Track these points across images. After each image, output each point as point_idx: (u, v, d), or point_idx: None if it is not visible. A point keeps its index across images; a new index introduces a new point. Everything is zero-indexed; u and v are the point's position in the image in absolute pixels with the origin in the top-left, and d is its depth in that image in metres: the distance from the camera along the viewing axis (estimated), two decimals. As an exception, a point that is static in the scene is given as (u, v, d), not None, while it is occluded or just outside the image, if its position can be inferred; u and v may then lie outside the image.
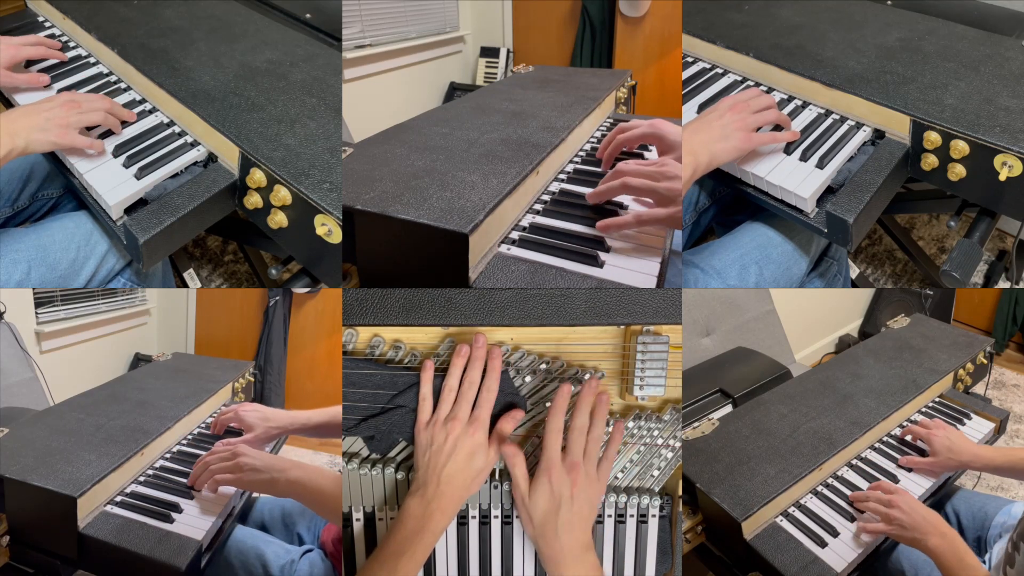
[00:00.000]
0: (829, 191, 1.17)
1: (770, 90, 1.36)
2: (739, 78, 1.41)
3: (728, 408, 1.51)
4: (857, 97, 1.23)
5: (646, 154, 1.40)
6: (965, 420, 1.46)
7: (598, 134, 1.52)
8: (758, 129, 1.18)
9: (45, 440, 1.22)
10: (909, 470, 1.30)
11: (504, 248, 1.02)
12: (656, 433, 0.86)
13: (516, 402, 0.82)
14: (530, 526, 0.80)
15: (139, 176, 1.15)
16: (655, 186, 1.00)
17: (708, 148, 1.11)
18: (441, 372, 0.81)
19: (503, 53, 3.26)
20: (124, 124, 1.24)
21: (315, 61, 1.42)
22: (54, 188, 1.35)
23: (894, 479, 1.29)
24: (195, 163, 1.20)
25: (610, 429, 0.84)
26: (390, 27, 2.76)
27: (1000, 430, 1.46)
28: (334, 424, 1.36)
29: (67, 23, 1.48)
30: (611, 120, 1.64)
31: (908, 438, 1.35)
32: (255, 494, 1.41)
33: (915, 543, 1.07)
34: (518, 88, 1.65)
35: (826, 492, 1.22)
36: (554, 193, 1.20)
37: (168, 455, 1.35)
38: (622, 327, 0.84)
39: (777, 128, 1.22)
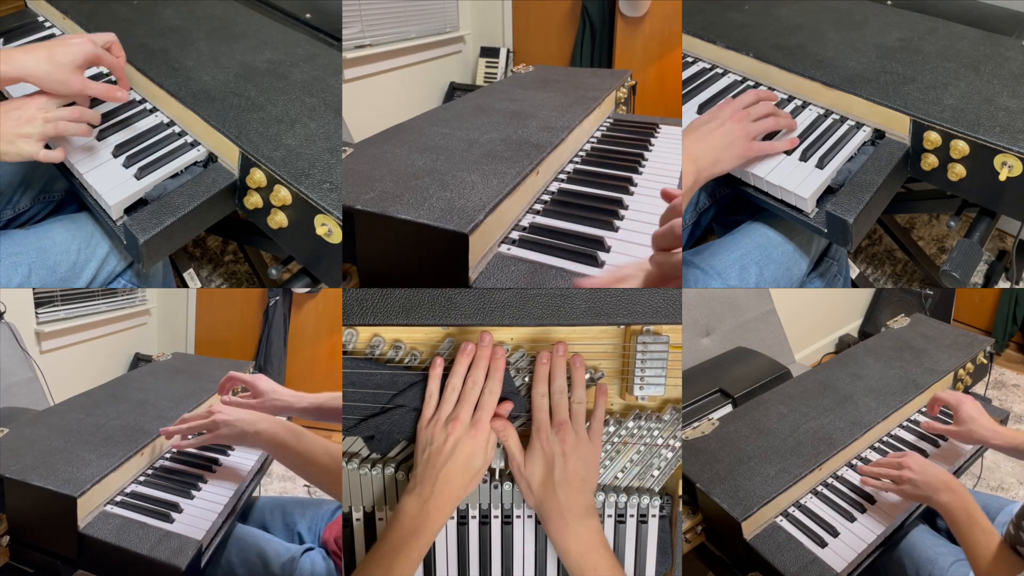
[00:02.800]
0: (829, 191, 1.17)
1: (770, 90, 1.36)
2: (739, 78, 1.41)
3: (728, 408, 1.51)
4: (857, 97, 1.23)
5: (646, 154, 1.40)
6: (965, 420, 1.46)
7: (598, 134, 1.52)
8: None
9: (45, 440, 1.22)
10: (924, 454, 1.32)
11: (504, 248, 1.02)
12: (656, 433, 0.86)
13: (513, 401, 0.82)
14: (530, 494, 0.80)
15: (139, 176, 1.15)
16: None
17: (711, 157, 1.11)
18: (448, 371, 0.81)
19: (503, 53, 3.27)
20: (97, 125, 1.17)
21: (315, 61, 1.42)
22: (54, 191, 1.35)
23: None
24: (195, 163, 1.20)
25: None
26: (390, 27, 2.76)
27: (1000, 430, 1.46)
28: (339, 407, 1.36)
29: (67, 23, 1.48)
30: (611, 120, 1.64)
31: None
32: (256, 493, 1.41)
33: (927, 500, 1.09)
34: (518, 88, 1.65)
35: (826, 492, 1.22)
36: (554, 193, 1.20)
37: (168, 455, 1.35)
38: (622, 327, 0.84)
39: (771, 136, 1.22)
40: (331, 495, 1.13)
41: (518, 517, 0.85)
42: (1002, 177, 1.07)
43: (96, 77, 1.21)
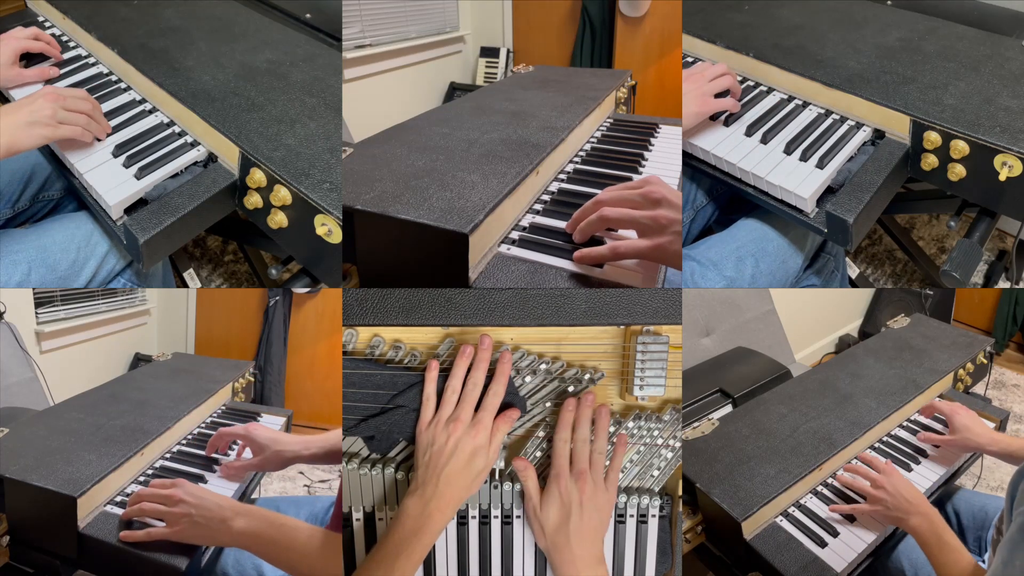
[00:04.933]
0: (829, 191, 1.17)
1: (770, 90, 1.36)
2: (739, 78, 1.40)
3: (728, 408, 1.51)
4: (857, 97, 1.23)
5: (646, 154, 1.40)
6: (965, 420, 1.46)
7: (598, 134, 1.52)
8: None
9: (45, 440, 1.22)
10: (918, 461, 1.31)
11: (504, 248, 1.02)
12: (656, 433, 0.86)
13: (515, 402, 0.82)
14: (542, 537, 0.81)
15: (139, 176, 1.15)
16: (636, 216, 0.90)
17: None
18: (446, 372, 0.81)
19: (503, 53, 3.26)
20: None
21: (315, 61, 1.42)
22: (55, 190, 1.35)
23: (906, 467, 1.31)
24: (195, 163, 1.20)
25: (614, 440, 0.85)
26: (390, 27, 2.76)
27: (1000, 430, 1.46)
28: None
29: (67, 23, 1.48)
30: (611, 120, 1.64)
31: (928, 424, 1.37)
32: (254, 495, 1.41)
33: (897, 522, 1.09)
34: (518, 88, 1.65)
35: (826, 492, 1.22)
36: (554, 193, 1.20)
37: (168, 455, 1.35)
38: (622, 327, 0.84)
39: (724, 94, 1.29)
40: None
41: (518, 517, 0.85)
42: (1002, 177, 1.07)
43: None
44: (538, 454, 0.85)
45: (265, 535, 0.96)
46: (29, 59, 1.37)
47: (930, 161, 1.15)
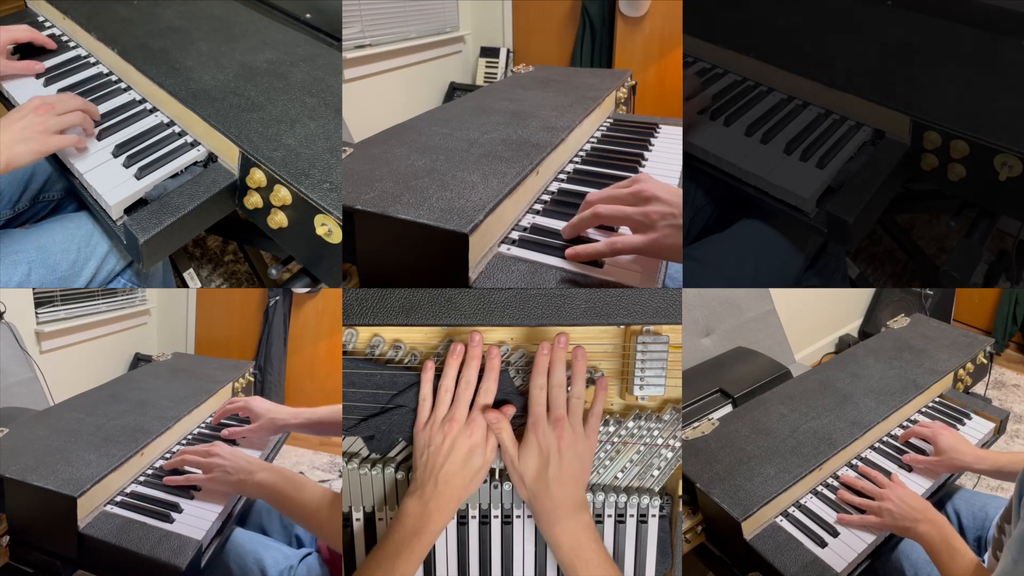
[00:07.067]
0: (829, 191, 1.17)
1: (770, 90, 1.36)
2: (739, 78, 1.41)
3: (728, 408, 1.51)
4: (857, 97, 1.23)
5: (646, 154, 1.40)
6: (965, 420, 1.46)
7: (598, 134, 1.52)
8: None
9: (45, 440, 1.22)
10: (910, 468, 1.30)
11: (504, 248, 1.02)
12: (656, 433, 0.86)
13: (513, 402, 0.82)
14: (522, 487, 0.80)
15: (139, 176, 1.15)
16: (629, 212, 0.92)
17: None
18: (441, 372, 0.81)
19: (503, 53, 3.27)
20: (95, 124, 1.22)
21: (315, 61, 1.42)
22: (55, 190, 1.35)
23: (907, 468, 1.30)
24: (195, 163, 1.20)
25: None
26: (390, 27, 2.76)
27: (1000, 430, 1.46)
28: (336, 421, 1.37)
29: (67, 23, 1.48)
30: (611, 120, 1.64)
31: (912, 440, 1.35)
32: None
33: (905, 532, 1.09)
34: (518, 88, 1.65)
35: (826, 492, 1.22)
36: (554, 193, 1.20)
37: (168, 455, 1.34)
38: (622, 327, 0.84)
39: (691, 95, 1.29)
40: (331, 543, 1.12)
41: (518, 517, 0.85)
42: (1002, 177, 1.07)
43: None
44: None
45: (281, 488, 1.09)
46: (23, 55, 1.37)
47: (930, 161, 1.15)
